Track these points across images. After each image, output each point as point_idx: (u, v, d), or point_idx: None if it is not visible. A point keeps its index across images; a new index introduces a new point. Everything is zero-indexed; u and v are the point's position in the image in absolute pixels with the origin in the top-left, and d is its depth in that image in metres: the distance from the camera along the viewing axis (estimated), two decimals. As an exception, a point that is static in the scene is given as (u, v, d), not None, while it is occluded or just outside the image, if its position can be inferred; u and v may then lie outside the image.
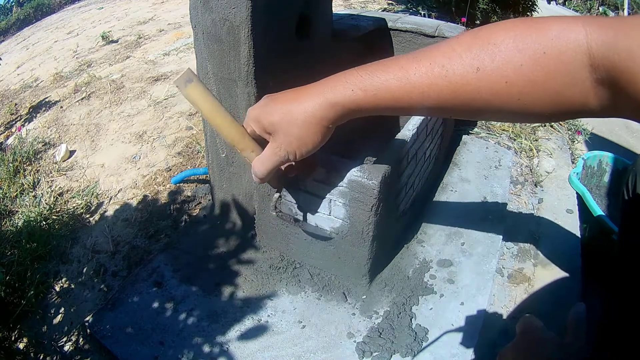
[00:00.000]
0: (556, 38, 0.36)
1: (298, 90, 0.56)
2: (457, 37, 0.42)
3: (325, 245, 0.97)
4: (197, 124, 1.86)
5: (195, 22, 0.92)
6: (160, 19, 4.19)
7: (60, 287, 1.14)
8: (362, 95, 0.48)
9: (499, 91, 0.39)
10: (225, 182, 1.13)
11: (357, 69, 0.49)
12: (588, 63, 0.35)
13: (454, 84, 0.41)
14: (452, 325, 0.92)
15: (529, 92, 0.38)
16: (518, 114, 0.41)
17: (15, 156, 1.75)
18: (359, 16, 1.39)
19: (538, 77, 0.37)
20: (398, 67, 0.45)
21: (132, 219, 1.35)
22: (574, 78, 0.36)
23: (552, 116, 0.40)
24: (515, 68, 0.38)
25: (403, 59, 0.46)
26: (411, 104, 0.45)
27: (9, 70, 3.82)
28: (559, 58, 0.36)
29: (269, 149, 0.59)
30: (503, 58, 0.38)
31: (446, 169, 1.46)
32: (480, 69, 0.39)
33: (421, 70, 0.43)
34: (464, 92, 0.41)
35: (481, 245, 1.14)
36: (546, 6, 4.71)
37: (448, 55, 0.42)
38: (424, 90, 0.43)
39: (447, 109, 0.44)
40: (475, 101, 0.41)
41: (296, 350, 0.87)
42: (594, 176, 1.52)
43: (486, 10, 3.42)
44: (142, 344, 0.88)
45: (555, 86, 0.37)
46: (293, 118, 0.54)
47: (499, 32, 0.39)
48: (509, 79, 0.38)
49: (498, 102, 0.40)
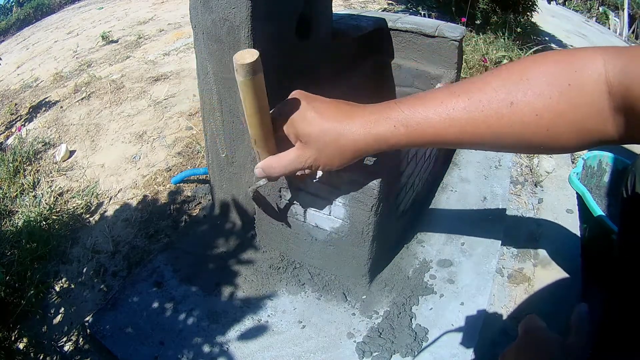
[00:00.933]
0: (579, 70, 0.38)
1: (339, 109, 0.55)
2: (493, 72, 0.45)
3: (325, 245, 0.97)
4: (197, 124, 1.86)
5: (195, 22, 0.92)
6: (160, 19, 4.19)
7: (60, 287, 1.14)
8: (403, 131, 0.49)
9: (530, 123, 0.41)
10: (225, 182, 1.13)
11: (397, 103, 0.50)
12: (606, 90, 0.37)
13: (490, 118, 0.43)
14: (452, 325, 0.92)
15: (557, 123, 0.40)
16: (547, 146, 0.43)
17: (15, 156, 1.75)
18: (359, 16, 1.39)
19: (564, 108, 0.39)
20: (438, 103, 0.47)
21: (132, 219, 1.35)
22: (595, 107, 0.38)
23: (576, 147, 0.42)
24: (544, 101, 0.40)
25: (441, 94, 0.47)
26: (448, 139, 0.47)
27: (9, 70, 3.81)
28: (581, 89, 0.38)
29: (294, 156, 0.58)
30: (534, 92, 0.40)
31: (446, 169, 1.46)
32: (514, 103, 0.41)
33: (460, 105, 0.45)
34: (498, 126, 0.43)
35: (481, 245, 1.14)
36: (546, 6, 4.69)
37: (484, 90, 0.43)
38: (462, 125, 0.45)
39: (482, 142, 0.46)
40: (507, 134, 0.43)
41: (296, 350, 0.87)
42: (594, 176, 1.52)
43: (486, 10, 3.43)
44: (142, 344, 0.88)
45: (579, 116, 0.39)
46: (331, 139, 0.54)
47: (532, 67, 0.42)
48: (539, 112, 0.40)
49: (529, 134, 0.42)
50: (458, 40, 1.29)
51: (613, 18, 8.57)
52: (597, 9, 8.16)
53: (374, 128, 0.51)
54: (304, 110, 0.56)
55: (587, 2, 8.57)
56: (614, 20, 8.50)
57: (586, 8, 8.26)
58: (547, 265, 1.19)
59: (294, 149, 0.59)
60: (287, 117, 0.57)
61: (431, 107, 0.47)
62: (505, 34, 2.97)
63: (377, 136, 0.51)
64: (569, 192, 1.49)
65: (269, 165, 0.62)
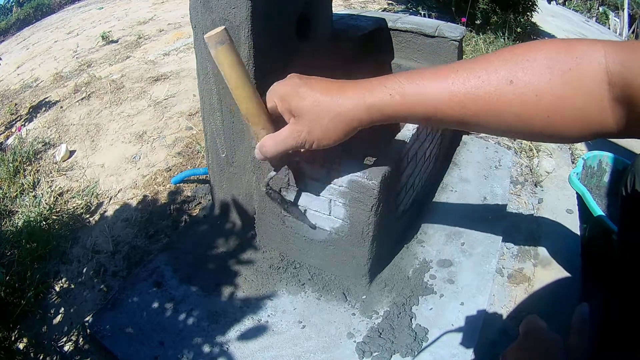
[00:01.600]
0: (580, 57, 0.38)
1: (333, 82, 0.55)
2: (495, 53, 0.44)
3: (325, 245, 0.97)
4: (197, 124, 1.86)
5: (195, 22, 0.92)
6: (160, 19, 4.19)
7: (60, 287, 1.14)
8: (399, 101, 0.48)
9: (529, 103, 0.41)
10: (225, 182, 1.13)
11: (395, 75, 0.50)
12: (606, 81, 0.37)
13: (489, 94, 0.43)
14: (452, 325, 0.92)
15: (557, 108, 0.40)
16: (547, 132, 0.42)
17: (15, 156, 1.75)
18: (359, 16, 1.39)
19: (564, 92, 0.39)
20: (437, 76, 0.46)
21: (132, 219, 1.35)
22: (594, 95, 0.38)
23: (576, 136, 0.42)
24: (544, 82, 0.40)
25: (441, 69, 0.47)
26: (446, 113, 0.46)
27: (9, 70, 3.81)
28: (581, 75, 0.38)
29: (288, 131, 0.58)
30: (534, 72, 0.40)
31: (446, 169, 1.46)
32: (514, 81, 0.41)
33: (459, 80, 0.44)
34: (497, 103, 0.42)
35: (481, 245, 1.14)
36: (546, 6, 4.70)
37: (485, 68, 0.43)
38: (460, 100, 0.44)
39: (480, 120, 0.45)
40: (507, 114, 0.43)
41: (296, 351, 0.87)
42: (594, 176, 1.52)
43: (486, 10, 3.43)
44: (142, 344, 0.88)
45: (579, 103, 0.39)
46: (325, 110, 0.53)
47: (534, 49, 0.42)
48: (539, 92, 0.40)
49: (527, 116, 0.42)
50: (458, 40, 1.29)
51: (613, 18, 8.58)
52: (597, 9, 8.16)
53: (369, 96, 0.50)
54: (297, 86, 0.56)
55: (587, 2, 8.57)
56: (614, 20, 8.51)
57: (586, 8, 8.26)
58: (547, 265, 1.19)
59: (288, 125, 0.58)
60: (280, 93, 0.57)
61: (430, 80, 0.46)
62: (505, 34, 2.98)
63: (372, 104, 0.50)
64: (569, 192, 1.49)
65: (262, 144, 0.61)
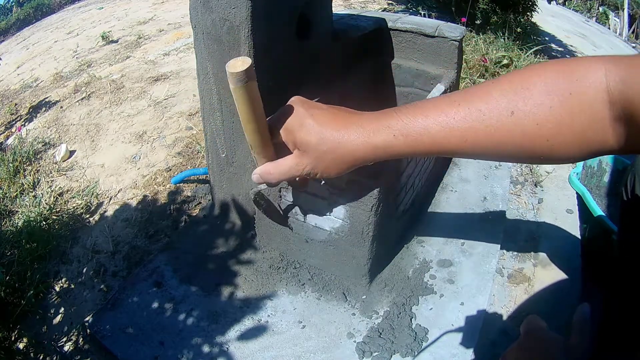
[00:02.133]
0: (580, 79, 0.38)
1: (337, 115, 0.55)
2: (493, 81, 0.45)
3: (325, 245, 0.97)
4: (197, 124, 1.86)
5: (195, 22, 0.92)
6: (160, 19, 4.19)
7: (60, 287, 1.14)
8: (403, 141, 0.49)
9: (530, 133, 0.41)
10: (225, 182, 1.13)
11: (396, 112, 0.50)
12: (607, 100, 0.37)
13: (490, 127, 0.43)
14: (452, 325, 0.92)
15: (557, 133, 0.40)
16: (547, 156, 0.42)
17: (15, 156, 1.75)
18: (359, 16, 1.39)
19: (565, 117, 0.39)
20: (438, 112, 0.46)
21: (132, 219, 1.35)
22: (595, 116, 0.38)
23: (576, 158, 0.42)
24: (545, 110, 0.40)
25: (441, 103, 0.47)
26: (449, 148, 0.47)
27: (9, 70, 3.81)
28: (582, 99, 0.38)
29: (292, 163, 0.58)
30: (535, 102, 0.40)
31: (446, 169, 1.46)
32: (515, 112, 0.41)
33: (460, 114, 0.45)
34: (498, 135, 0.43)
35: (481, 245, 1.14)
36: (546, 6, 4.69)
37: (485, 100, 0.43)
38: (462, 134, 0.45)
39: (482, 151, 0.46)
40: (508, 144, 0.43)
41: (296, 351, 0.87)
42: (594, 176, 1.52)
43: (486, 10, 3.43)
44: (142, 344, 0.88)
45: (579, 126, 0.39)
46: (329, 149, 0.53)
47: (532, 76, 0.42)
48: (540, 121, 0.40)
49: (529, 144, 0.42)
50: (458, 40, 1.29)
51: (613, 18, 8.58)
52: (597, 9, 8.17)
53: (373, 137, 0.51)
54: (302, 118, 0.55)
55: (587, 2, 8.57)
56: (614, 20, 8.51)
57: (586, 8, 8.26)
58: (547, 265, 1.19)
59: (292, 157, 0.58)
60: (285, 124, 0.57)
61: (432, 116, 0.47)
62: (505, 34, 2.98)
63: (376, 145, 0.51)
64: (569, 192, 1.49)
65: (266, 172, 0.61)
